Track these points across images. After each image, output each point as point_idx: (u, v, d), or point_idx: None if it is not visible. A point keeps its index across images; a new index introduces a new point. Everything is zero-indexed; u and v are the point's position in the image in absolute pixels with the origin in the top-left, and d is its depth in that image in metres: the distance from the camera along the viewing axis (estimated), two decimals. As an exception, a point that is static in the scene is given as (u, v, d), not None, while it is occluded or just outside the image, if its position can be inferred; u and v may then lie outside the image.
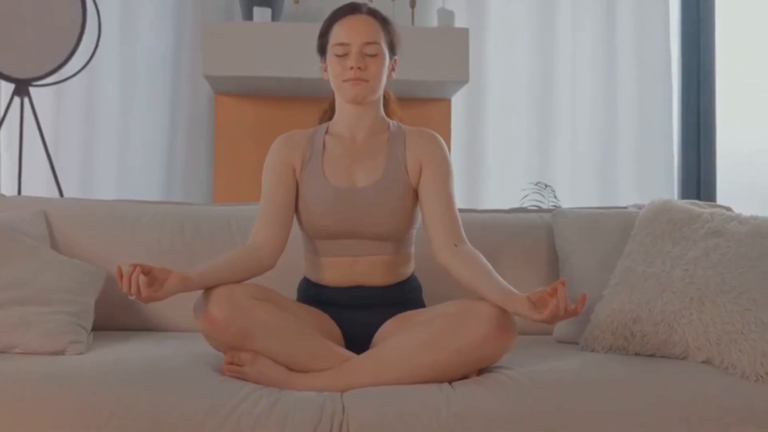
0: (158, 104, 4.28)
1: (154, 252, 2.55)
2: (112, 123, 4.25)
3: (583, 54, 4.51)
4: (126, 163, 4.25)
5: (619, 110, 4.49)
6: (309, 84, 3.79)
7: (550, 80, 4.48)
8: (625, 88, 4.50)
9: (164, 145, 4.28)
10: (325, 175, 2.24)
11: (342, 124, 2.30)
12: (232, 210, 2.71)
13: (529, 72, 4.49)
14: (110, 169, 4.23)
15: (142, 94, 4.28)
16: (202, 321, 2.02)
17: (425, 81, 3.81)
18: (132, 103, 4.27)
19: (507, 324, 2.00)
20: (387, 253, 2.25)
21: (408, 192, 2.24)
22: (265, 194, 2.26)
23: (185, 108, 4.29)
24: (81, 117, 4.23)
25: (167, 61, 4.30)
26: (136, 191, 4.17)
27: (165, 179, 4.26)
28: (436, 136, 2.32)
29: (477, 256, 2.16)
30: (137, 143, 4.25)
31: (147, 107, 4.28)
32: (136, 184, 4.22)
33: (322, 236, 2.24)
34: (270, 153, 2.31)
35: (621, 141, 4.49)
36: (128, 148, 4.24)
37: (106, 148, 4.24)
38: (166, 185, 4.26)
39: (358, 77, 2.19)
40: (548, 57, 4.49)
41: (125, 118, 4.26)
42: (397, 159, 2.26)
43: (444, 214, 2.22)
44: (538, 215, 2.73)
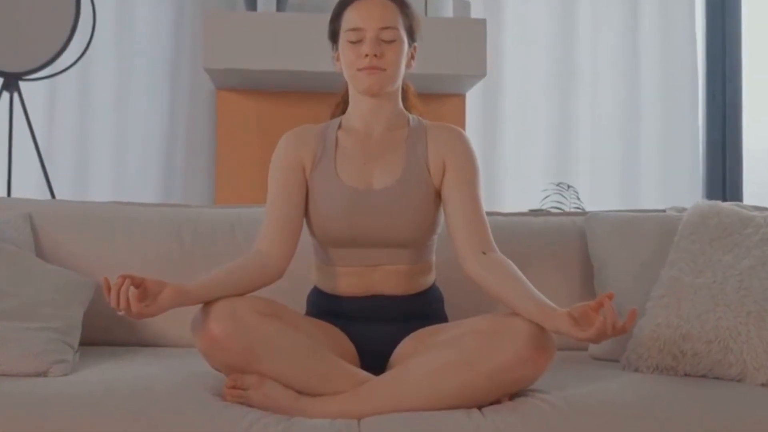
0: (156, 100, 4.12)
1: (149, 259, 2.35)
2: (108, 120, 4.08)
3: (605, 49, 4.34)
4: (122, 163, 4.08)
5: (643, 108, 4.32)
6: (318, 78, 3.62)
7: (569, 76, 4.31)
8: (649, 85, 4.33)
9: (163, 143, 4.12)
10: (339, 175, 2.05)
11: (356, 119, 2.10)
12: (236, 213, 2.49)
13: (548, 67, 4.32)
14: (105, 169, 4.07)
15: (139, 89, 4.11)
16: (201, 339, 1.81)
17: (439, 75, 3.64)
18: (128, 99, 4.10)
19: (545, 343, 1.80)
20: (406, 262, 2.06)
21: (430, 194, 2.04)
22: (271, 197, 2.06)
23: (185, 104, 4.13)
24: (74, 114, 4.06)
25: (166, 54, 4.13)
26: (132, 192, 4.01)
27: (163, 180, 4.10)
28: (461, 132, 2.12)
29: (508, 264, 1.96)
30: (134, 142, 4.09)
31: (145, 103, 4.11)
32: (133, 185, 4.06)
33: (335, 243, 2.05)
34: (276, 151, 2.11)
35: (644, 140, 4.31)
36: (125, 147, 4.08)
37: (101, 146, 4.07)
38: (164, 186, 4.10)
39: (374, 66, 2.00)
40: (568, 52, 4.32)
41: (121, 115, 4.10)
42: (418, 157, 2.06)
43: (470, 218, 2.01)
44: (569, 219, 2.52)
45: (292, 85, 3.87)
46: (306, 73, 3.61)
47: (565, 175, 4.14)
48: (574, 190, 3.61)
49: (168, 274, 2.26)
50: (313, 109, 3.63)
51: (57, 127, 4.04)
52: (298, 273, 2.15)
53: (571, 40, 4.31)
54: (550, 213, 2.57)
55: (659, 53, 4.34)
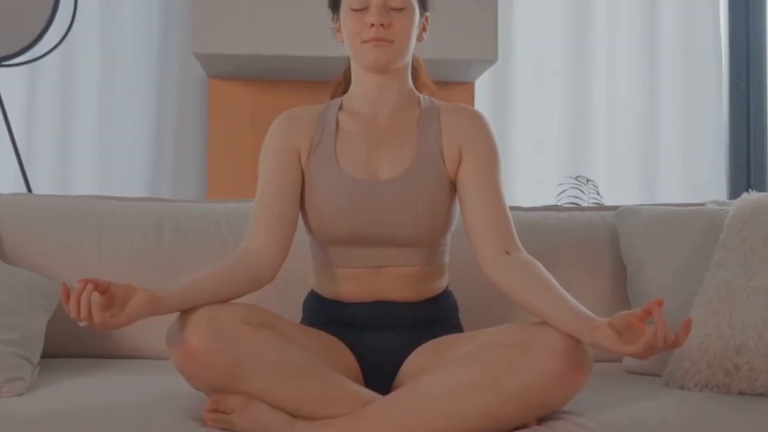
0: (144, 89, 3.89)
1: (124, 260, 2.10)
2: (91, 110, 3.85)
3: (622, 33, 4.11)
4: (107, 156, 3.86)
5: (663, 96, 4.09)
6: (319, 64, 3.30)
7: (584, 62, 4.08)
8: (670, 71, 4.10)
9: (151, 135, 3.90)
10: (339, 163, 1.79)
11: (360, 99, 1.85)
12: (222, 208, 2.23)
13: (562, 53, 4.09)
14: (89, 163, 3.85)
15: (125, 77, 3.88)
16: (178, 354, 1.57)
17: (446, 60, 3.38)
18: (113, 86, 3.87)
19: (580, 359, 1.55)
20: (416, 263, 1.81)
21: (444, 185, 1.79)
22: (262, 187, 1.81)
23: (174, 93, 3.91)
24: (55, 103, 3.83)
25: (153, 40, 3.90)
26: (118, 187, 3.76)
27: (151, 174, 3.89)
28: (479, 114, 1.87)
29: (536, 266, 1.71)
30: (120, 133, 3.87)
31: (131, 92, 3.88)
32: (119, 179, 3.84)
33: (336, 242, 1.80)
34: (268, 135, 1.86)
35: (664, 130, 4.08)
36: (109, 139, 3.86)
37: (84, 138, 3.84)
38: (152, 181, 3.88)
39: (381, 37, 1.75)
40: (583, 36, 4.09)
41: (106, 104, 3.87)
42: (431, 143, 1.81)
43: (491, 213, 1.76)
44: (598, 214, 2.25)
45: (290, 72, 3.62)
46: (305, 58, 3.36)
47: (580, 168, 3.92)
48: (593, 184, 3.36)
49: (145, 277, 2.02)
50: (314, 98, 3.38)
51: (36, 117, 3.83)
52: (293, 275, 1.89)
53: (586, 23, 4.10)
54: (576, 208, 2.30)
55: (680, 37, 4.13)
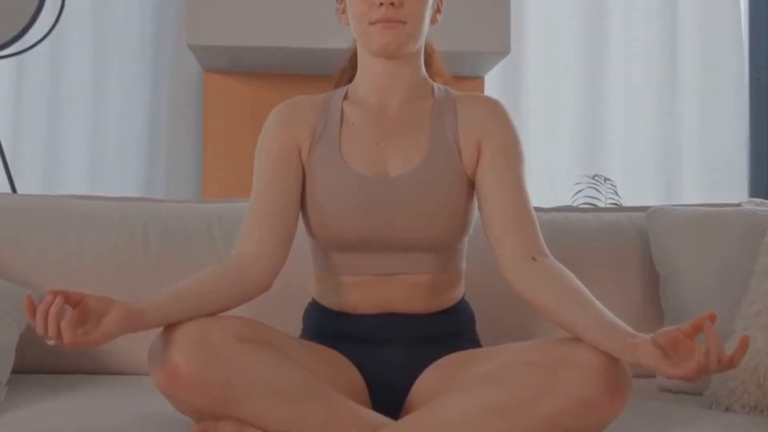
0: (137, 83, 3.73)
1: (106, 265, 1.91)
2: (82, 105, 3.69)
3: (639, 25, 3.95)
4: (98, 153, 3.70)
5: (681, 90, 3.93)
6: (321, 57, 3.18)
7: (599, 56, 3.92)
8: (688, 65, 3.94)
9: (144, 131, 3.74)
10: (344, 158, 1.62)
11: (367, 87, 1.67)
12: (215, 208, 2.04)
13: (575, 46, 3.93)
14: (79, 160, 3.68)
15: (116, 69, 3.72)
16: (161, 374, 1.39)
17: (455, 52, 3.20)
18: (104, 80, 3.70)
19: (619, 380, 1.38)
20: (430, 270, 1.63)
21: (461, 183, 1.61)
22: (258, 186, 1.63)
23: (168, 87, 3.75)
24: (43, 97, 3.67)
25: (146, 30, 3.74)
26: (109, 186, 3.61)
27: (144, 172, 3.73)
28: (499, 104, 1.69)
29: (565, 273, 1.53)
30: (111, 129, 3.71)
31: (123, 86, 3.73)
32: (110, 177, 3.68)
33: (340, 246, 1.62)
34: (265, 127, 1.69)
35: (683, 126, 3.91)
36: (101, 136, 3.70)
37: (74, 134, 3.69)
38: (145, 179, 3.72)
39: (391, 17, 1.57)
40: (597, 28, 3.94)
41: (96, 99, 3.70)
42: (446, 136, 1.63)
43: (514, 214, 1.58)
44: (626, 215, 2.06)
45: (291, 65, 3.47)
46: (307, 50, 3.20)
47: (595, 167, 3.77)
48: (611, 184, 3.18)
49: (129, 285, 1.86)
50: (313, 92, 3.33)
51: (24, 111, 3.68)
52: (292, 283, 1.73)
53: (601, 14, 3.94)
54: (601, 209, 2.11)
55: (699, 29, 3.97)
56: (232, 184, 3.52)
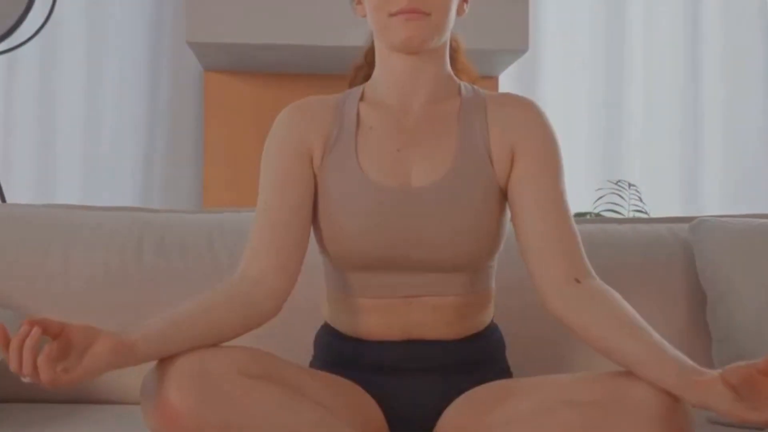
0: (134, 83, 3.62)
1: (96, 283, 1.74)
2: (75, 106, 3.58)
3: (659, 23, 3.83)
4: (93, 157, 3.57)
5: (704, 92, 3.81)
6: (330, 55, 3.08)
7: (618, 55, 3.80)
8: (712, 65, 3.82)
9: (141, 134, 3.62)
10: (361, 166, 1.45)
11: (387, 87, 1.50)
12: (216, 219, 1.87)
13: (593, 45, 3.81)
14: (73, 165, 3.56)
15: (112, 68, 3.61)
16: (155, 415, 1.23)
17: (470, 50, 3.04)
18: (99, 80, 3.59)
19: (680, 425, 1.21)
20: (457, 291, 1.46)
21: (492, 194, 1.45)
22: (264, 198, 1.46)
23: (167, 88, 3.64)
24: (35, 98, 3.57)
25: (144, 27, 3.63)
26: (105, 193, 3.51)
27: (142, 177, 3.60)
28: (534, 106, 1.52)
29: (614, 297, 1.37)
30: (107, 132, 3.59)
31: (119, 85, 3.61)
32: (106, 183, 3.56)
33: (357, 266, 1.45)
34: (272, 132, 1.51)
35: (706, 128, 3.79)
36: (96, 139, 3.58)
37: (68, 137, 3.57)
38: (143, 184, 3.60)
39: (415, 8, 1.40)
40: (616, 27, 3.82)
41: (91, 100, 3.59)
42: (475, 141, 1.46)
43: (555, 229, 1.42)
44: (667, 227, 1.88)
45: (298, 64, 3.35)
46: (316, 48, 3.06)
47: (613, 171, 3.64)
48: (635, 190, 3.03)
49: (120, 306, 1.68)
50: (322, 93, 3.25)
51: (14, 113, 3.56)
52: (302, 304, 1.58)
53: (620, 12, 3.82)
54: (639, 220, 1.93)
55: (723, 27, 3.85)
56: (234, 190, 3.42)
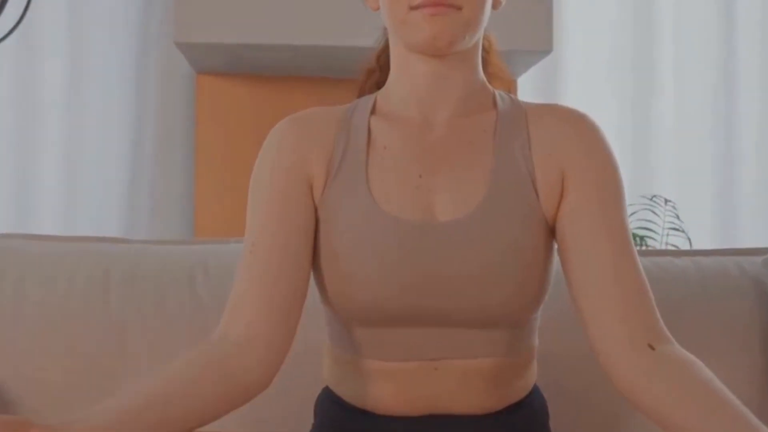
0: (118, 88, 3.35)
1: (52, 330, 1.45)
2: (55, 114, 3.30)
3: (691, 24, 3.57)
4: (74, 168, 3.29)
5: (742, 97, 3.54)
6: (336, 57, 2.81)
7: (646, 60, 3.54)
8: (748, 71, 3.55)
9: (126, 145, 3.33)
10: (374, 195, 1.15)
11: (405, 96, 1.21)
12: (199, 252, 1.57)
13: (618, 48, 3.56)
14: (52, 176, 3.27)
15: (96, 73, 3.34)
16: None
17: (491, 50, 2.83)
18: (82, 84, 3.32)
19: None
20: (492, 352, 1.17)
21: (537, 230, 1.16)
22: (252, 235, 1.17)
23: (155, 92, 3.37)
24: (10, 104, 3.30)
25: (131, 27, 3.38)
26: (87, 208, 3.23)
27: (127, 194, 3.31)
28: (587, 121, 1.22)
29: (698, 369, 1.08)
30: (89, 143, 3.30)
31: (103, 90, 3.34)
32: (88, 200, 3.26)
33: (368, 319, 1.16)
34: (264, 153, 1.22)
35: (743, 140, 3.53)
36: (78, 152, 3.29)
37: (47, 150, 3.28)
38: (128, 203, 3.31)
39: (441, 1, 1.11)
40: (644, 28, 3.56)
41: (73, 106, 3.32)
42: (516, 164, 1.17)
43: (619, 278, 1.12)
44: (734, 260, 1.59)
45: (297, 66, 3.09)
46: (315, 48, 2.81)
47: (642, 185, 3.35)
48: (672, 206, 2.76)
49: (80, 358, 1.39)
50: (327, 99, 3.03)
51: None
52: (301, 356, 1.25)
53: (648, 13, 3.57)
54: (700, 252, 1.64)
55: (761, 29, 3.59)
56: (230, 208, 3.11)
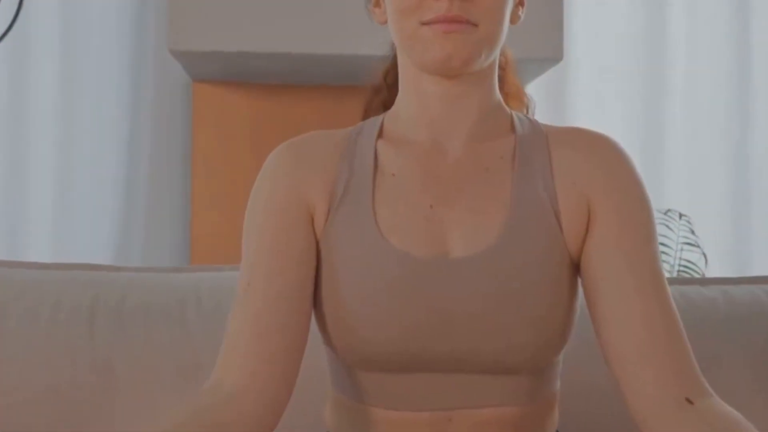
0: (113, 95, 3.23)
1: (26, 369, 1.33)
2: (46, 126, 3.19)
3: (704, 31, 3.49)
4: (66, 180, 3.17)
5: (757, 104, 3.46)
6: (333, 64, 2.70)
7: (657, 67, 3.46)
8: (763, 78, 3.47)
9: (122, 157, 3.22)
10: (381, 229, 1.05)
11: (415, 119, 1.11)
12: (193, 280, 1.46)
13: (630, 56, 3.47)
14: (46, 184, 3.15)
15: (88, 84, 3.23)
16: None
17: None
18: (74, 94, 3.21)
19: None
20: (512, 400, 1.06)
21: (561, 267, 1.05)
22: (247, 277, 1.07)
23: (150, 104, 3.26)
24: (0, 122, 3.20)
25: (125, 35, 3.28)
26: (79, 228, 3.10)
27: (122, 211, 3.20)
28: (614, 145, 1.14)
29: (741, 426, 0.96)
30: (82, 159, 3.19)
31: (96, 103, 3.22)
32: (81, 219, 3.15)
33: (375, 364, 1.06)
34: (260, 183, 1.12)
35: (757, 151, 3.44)
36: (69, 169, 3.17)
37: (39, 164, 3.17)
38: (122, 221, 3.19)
39: (458, 16, 1.02)
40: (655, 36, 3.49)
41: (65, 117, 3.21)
42: (537, 195, 1.07)
43: (653, 324, 1.02)
44: (763, 290, 1.48)
45: (295, 74, 2.97)
46: (311, 57, 2.68)
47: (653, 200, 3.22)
48: (686, 220, 2.67)
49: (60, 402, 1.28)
50: (326, 107, 2.94)
51: None
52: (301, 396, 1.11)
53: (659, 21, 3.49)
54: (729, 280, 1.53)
55: None
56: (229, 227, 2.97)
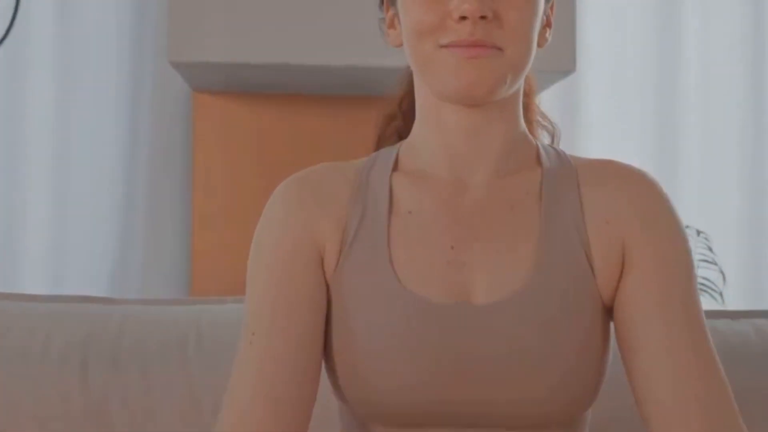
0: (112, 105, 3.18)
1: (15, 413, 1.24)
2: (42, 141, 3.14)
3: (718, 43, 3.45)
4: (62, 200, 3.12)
5: None
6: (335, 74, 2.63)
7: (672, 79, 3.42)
8: None
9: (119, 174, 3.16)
10: (397, 271, 0.97)
11: (433, 152, 1.03)
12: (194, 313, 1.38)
13: (644, 69, 3.42)
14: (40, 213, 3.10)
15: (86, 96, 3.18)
16: None
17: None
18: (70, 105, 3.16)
19: None
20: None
21: (593, 314, 0.97)
22: (252, 325, 0.98)
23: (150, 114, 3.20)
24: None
25: (124, 46, 3.22)
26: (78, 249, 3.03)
27: (120, 230, 3.12)
28: (649, 180, 1.05)
29: None
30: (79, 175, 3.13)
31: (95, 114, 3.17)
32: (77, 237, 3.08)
33: (392, 419, 0.97)
34: (265, 222, 1.03)
35: None
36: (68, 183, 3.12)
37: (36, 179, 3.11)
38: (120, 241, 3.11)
39: (480, 41, 0.93)
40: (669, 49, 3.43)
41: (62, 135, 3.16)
42: (567, 235, 0.99)
43: (694, 373, 0.95)
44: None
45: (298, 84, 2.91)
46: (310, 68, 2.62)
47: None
48: (704, 237, 2.60)
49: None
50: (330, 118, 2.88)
51: None
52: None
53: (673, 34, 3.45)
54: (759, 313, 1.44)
55: None
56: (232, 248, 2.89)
